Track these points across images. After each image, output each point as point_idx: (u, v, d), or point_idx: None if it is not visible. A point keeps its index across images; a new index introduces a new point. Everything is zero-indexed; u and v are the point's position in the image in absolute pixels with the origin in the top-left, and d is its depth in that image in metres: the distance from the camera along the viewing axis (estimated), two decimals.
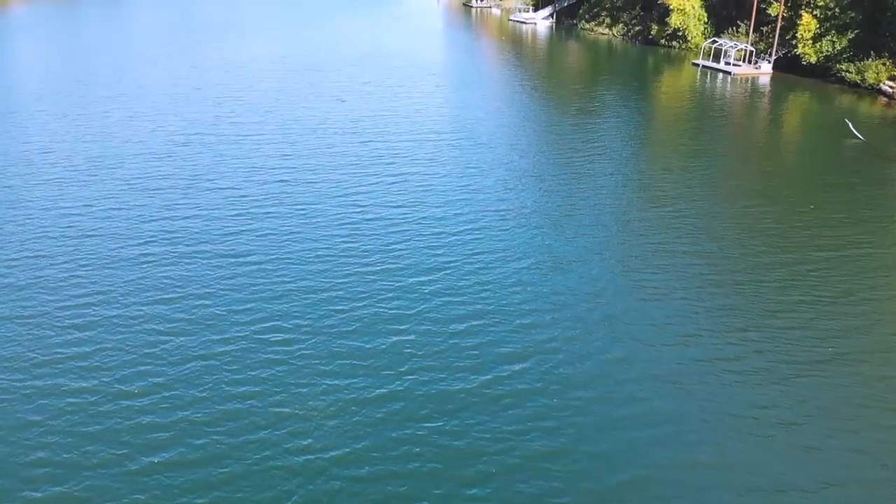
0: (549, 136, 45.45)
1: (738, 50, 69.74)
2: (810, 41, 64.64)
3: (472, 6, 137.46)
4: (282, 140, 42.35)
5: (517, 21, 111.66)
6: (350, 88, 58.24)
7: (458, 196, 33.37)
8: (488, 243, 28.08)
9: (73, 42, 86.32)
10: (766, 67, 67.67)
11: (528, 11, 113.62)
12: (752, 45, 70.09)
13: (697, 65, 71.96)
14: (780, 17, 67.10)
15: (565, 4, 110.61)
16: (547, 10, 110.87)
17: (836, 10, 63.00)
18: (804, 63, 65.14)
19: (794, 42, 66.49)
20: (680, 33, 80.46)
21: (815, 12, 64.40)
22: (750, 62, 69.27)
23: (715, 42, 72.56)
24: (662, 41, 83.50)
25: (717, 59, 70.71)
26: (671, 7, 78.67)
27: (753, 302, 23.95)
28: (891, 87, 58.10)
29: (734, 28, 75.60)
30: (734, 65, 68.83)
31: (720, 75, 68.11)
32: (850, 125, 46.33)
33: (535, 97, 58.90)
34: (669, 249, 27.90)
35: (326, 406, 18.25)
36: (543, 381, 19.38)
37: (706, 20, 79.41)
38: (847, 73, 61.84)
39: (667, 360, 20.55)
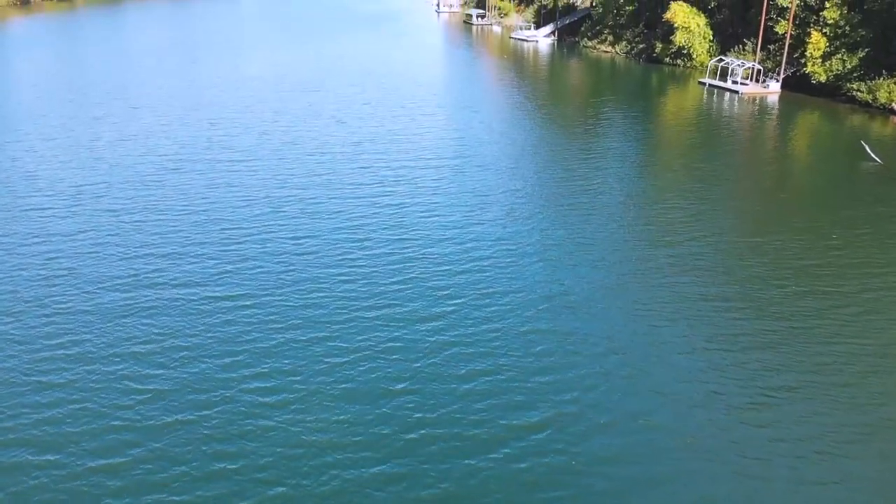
0: (554, 160, 43.72)
1: (745, 68, 68.32)
2: (820, 60, 63.21)
3: (472, 23, 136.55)
4: (277, 165, 40.61)
5: (519, 39, 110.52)
6: (349, 109, 56.68)
7: (463, 228, 31.54)
8: (497, 282, 26.21)
9: (68, 59, 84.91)
10: (775, 86, 66.16)
11: (529, 29, 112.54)
12: (759, 63, 68.66)
13: (704, 83, 70.47)
14: (788, 35, 65.71)
15: (567, 22, 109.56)
16: (549, 28, 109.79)
17: (847, 28, 61.60)
18: (813, 82, 63.66)
19: (802, 60, 65.06)
20: (685, 51, 79.11)
21: (824, 30, 63.01)
22: (757, 81, 67.80)
23: (721, 60, 71.14)
24: (667, 59, 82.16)
25: (723, 77, 69.27)
26: (676, 25, 77.36)
27: (785, 352, 21.98)
28: None
29: (740, 46, 74.21)
30: (742, 83, 67.35)
31: (727, 94, 66.60)
32: (867, 147, 44.66)
33: (540, 118, 57.31)
34: (687, 290, 26.01)
35: (327, 479, 16.29)
36: (563, 454, 17.46)
37: (711, 38, 78.07)
38: (858, 93, 60.31)
39: (694, 419, 18.66)
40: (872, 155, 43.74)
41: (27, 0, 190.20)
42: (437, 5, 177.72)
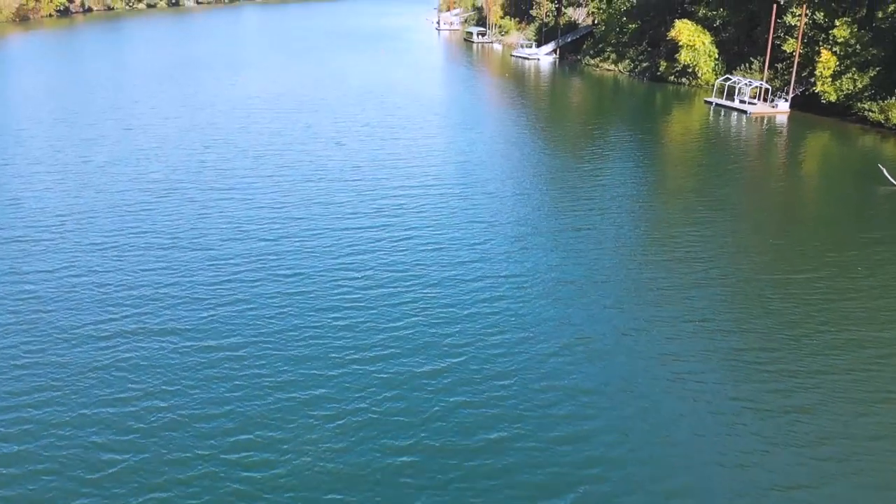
0: (560, 185, 41.90)
1: (752, 87, 66.87)
2: (830, 79, 61.79)
3: (473, 41, 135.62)
4: (272, 192, 38.76)
5: (520, 57, 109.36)
6: (349, 130, 55.04)
7: (469, 260, 29.64)
8: (506, 322, 24.35)
9: (62, 77, 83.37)
10: (784, 106, 64.65)
11: (530, 47, 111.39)
12: (766, 82, 67.23)
13: (710, 103, 69.00)
14: (796, 53, 64.31)
15: (569, 40, 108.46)
16: (550, 46, 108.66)
17: (857, 46, 60.24)
18: (823, 101, 62.21)
19: (812, 80, 63.66)
20: (690, 70, 77.79)
21: (834, 49, 61.63)
22: (765, 100, 66.33)
23: (728, 79, 69.73)
24: (671, 78, 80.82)
25: (730, 96, 67.84)
26: (680, 43, 76.07)
27: (818, 409, 20.12)
28: None
29: (747, 65, 72.86)
30: (749, 103, 65.88)
31: (735, 114, 65.10)
32: (885, 171, 42.97)
33: (544, 139, 55.71)
34: (707, 327, 24.22)
35: None
36: None
37: (717, 56, 76.75)
38: (870, 113, 58.79)
39: (721, 482, 16.76)
40: (891, 179, 42.07)
41: (26, 16, 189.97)
42: (438, 23, 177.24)
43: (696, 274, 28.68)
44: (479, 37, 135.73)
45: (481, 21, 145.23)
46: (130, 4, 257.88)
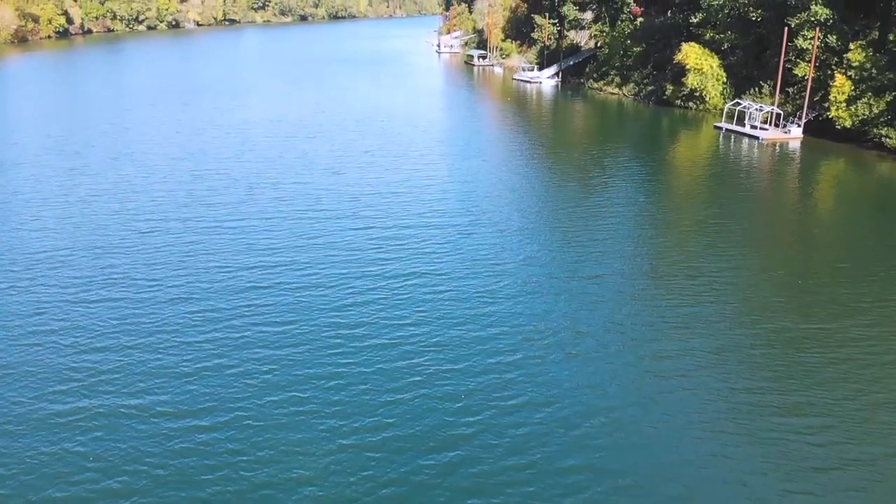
0: (568, 220, 39.15)
1: (763, 112, 64.78)
2: (844, 104, 59.70)
3: (473, 64, 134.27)
4: (264, 228, 36.25)
5: (521, 80, 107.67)
6: (347, 158, 52.73)
7: (476, 310, 26.92)
8: (517, 388, 21.73)
9: (52, 102, 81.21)
10: (797, 131, 62.52)
11: (532, 70, 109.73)
12: (778, 107, 65.17)
13: (720, 128, 66.88)
14: (809, 77, 62.30)
15: (571, 63, 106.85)
16: (552, 69, 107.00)
17: (873, 70, 58.20)
18: (838, 127, 60.09)
19: (825, 105, 61.57)
20: (697, 94, 75.82)
21: (849, 73, 59.62)
22: (777, 125, 64.22)
23: (738, 104, 67.70)
24: (678, 102, 78.86)
25: (740, 121, 65.76)
26: (688, 67, 74.16)
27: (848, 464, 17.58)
28: None
29: (756, 89, 70.87)
30: (761, 128, 63.75)
31: (746, 140, 62.95)
32: None
33: (549, 168, 53.41)
34: (715, 364, 21.65)
35: None
36: None
37: (725, 80, 74.83)
38: (886, 139, 56.67)
39: None
40: None
41: (24, 37, 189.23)
42: (438, 46, 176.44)
43: (706, 314, 26.45)
44: (480, 60, 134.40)
45: (482, 44, 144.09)
46: (130, 26, 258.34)
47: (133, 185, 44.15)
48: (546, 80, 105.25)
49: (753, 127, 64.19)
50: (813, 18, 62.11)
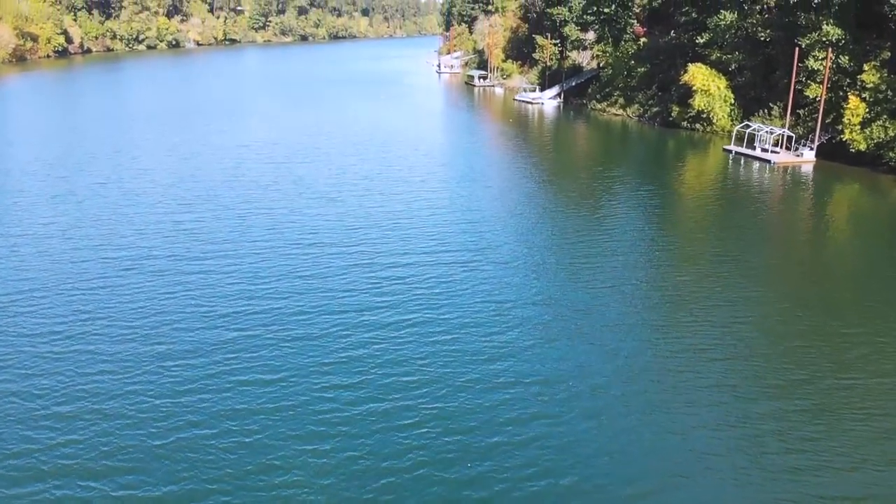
0: (577, 252, 36.85)
1: (775, 135, 62.82)
2: (858, 126, 57.83)
3: (474, 84, 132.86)
4: (255, 262, 33.87)
5: (523, 101, 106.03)
6: (345, 184, 50.55)
7: (484, 365, 24.44)
8: (528, 452, 19.43)
9: (42, 123, 79.11)
10: (809, 155, 60.53)
11: (534, 91, 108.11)
12: (788, 129, 63.24)
13: (729, 151, 64.93)
14: (821, 99, 60.41)
15: (573, 83, 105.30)
16: (554, 90, 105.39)
17: (888, 92, 56.34)
18: (852, 150, 58.15)
19: (839, 127, 59.64)
20: (704, 115, 73.98)
21: (863, 95, 57.74)
22: (788, 148, 62.26)
23: (747, 126, 65.78)
24: (684, 123, 77.05)
25: (750, 144, 63.81)
26: (694, 88, 72.37)
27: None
28: None
29: (765, 111, 69.02)
30: (772, 151, 61.77)
31: (756, 163, 60.97)
32: None
33: (554, 194, 51.26)
34: (725, 398, 19.30)
35: None
36: None
37: (733, 101, 73.01)
38: None
39: None
40: None
41: (23, 56, 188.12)
42: (438, 66, 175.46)
43: (723, 344, 24.16)
44: (481, 80, 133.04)
45: (482, 64, 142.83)
46: (130, 45, 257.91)
47: (118, 214, 41.87)
48: (548, 101, 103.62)
49: (764, 150, 62.25)
50: (824, 38, 60.41)
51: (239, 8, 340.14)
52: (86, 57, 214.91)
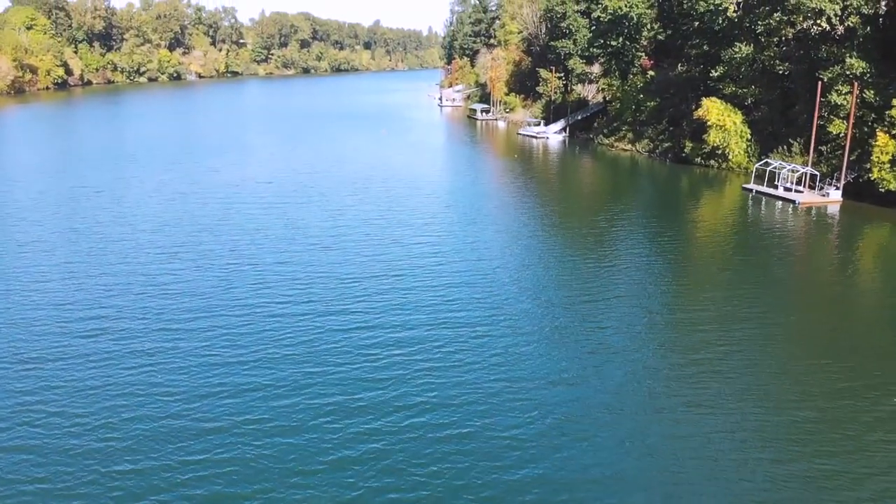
0: (592, 304, 33.07)
1: (798, 173, 59.34)
2: (888, 164, 54.34)
3: (476, 118, 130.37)
4: (236, 327, 29.93)
5: (527, 135, 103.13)
6: (342, 228, 46.84)
7: (489, 420, 20.82)
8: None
9: (24, 161, 75.53)
10: (835, 195, 56.98)
11: (538, 124, 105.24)
12: (811, 166, 59.80)
13: (749, 189, 61.41)
14: (848, 136, 57.06)
15: (579, 117, 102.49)
16: (559, 124, 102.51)
17: None
18: (881, 190, 54.62)
19: (867, 165, 56.18)
20: (719, 151, 70.66)
21: (892, 131, 54.39)
22: (812, 187, 58.74)
23: (768, 164, 62.35)
24: (698, 160, 73.69)
25: (770, 182, 60.33)
26: (709, 123, 69.16)
27: None
28: None
29: (785, 147, 65.70)
30: (796, 190, 58.25)
31: (779, 203, 57.37)
32: None
33: (564, 238, 47.54)
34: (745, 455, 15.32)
35: None
36: None
37: (749, 137, 69.76)
38: None
39: None
40: None
41: (21, 88, 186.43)
42: (440, 100, 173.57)
43: (750, 398, 20.05)
44: (483, 114, 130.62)
45: (485, 98, 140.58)
46: (131, 78, 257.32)
47: (89, 263, 38.11)
48: (553, 136, 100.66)
49: (787, 189, 58.76)
50: (848, 72, 57.32)
51: (241, 41, 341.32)
52: (86, 89, 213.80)
